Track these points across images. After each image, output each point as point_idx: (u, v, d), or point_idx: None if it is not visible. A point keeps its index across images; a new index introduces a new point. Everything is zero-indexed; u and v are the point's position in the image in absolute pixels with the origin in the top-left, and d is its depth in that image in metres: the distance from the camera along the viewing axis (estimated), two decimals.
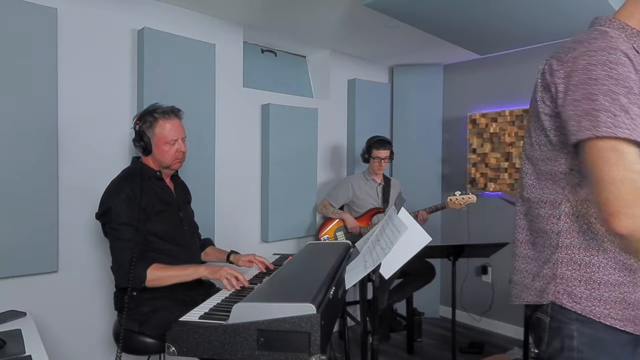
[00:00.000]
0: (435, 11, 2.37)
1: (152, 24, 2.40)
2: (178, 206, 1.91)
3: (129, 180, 1.75)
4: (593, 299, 0.97)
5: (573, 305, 0.98)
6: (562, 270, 1.00)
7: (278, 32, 3.06)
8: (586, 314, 0.97)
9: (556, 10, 2.34)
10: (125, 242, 1.65)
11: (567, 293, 0.99)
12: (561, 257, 1.00)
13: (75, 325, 2.20)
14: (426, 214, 2.98)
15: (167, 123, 1.78)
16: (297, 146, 3.17)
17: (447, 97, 3.87)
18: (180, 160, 1.85)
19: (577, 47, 0.94)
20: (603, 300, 0.96)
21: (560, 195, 1.01)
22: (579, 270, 0.98)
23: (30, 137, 2.00)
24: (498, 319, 3.55)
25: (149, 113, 1.79)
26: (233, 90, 2.86)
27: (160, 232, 1.77)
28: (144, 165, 1.83)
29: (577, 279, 0.98)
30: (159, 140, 1.77)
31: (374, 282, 1.50)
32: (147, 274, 1.64)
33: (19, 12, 1.95)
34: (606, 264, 0.96)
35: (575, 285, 0.98)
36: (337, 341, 3.19)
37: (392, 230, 1.44)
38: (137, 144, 1.79)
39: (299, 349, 1.06)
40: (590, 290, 0.97)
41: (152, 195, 1.78)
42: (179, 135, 1.81)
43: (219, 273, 1.66)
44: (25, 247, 2.00)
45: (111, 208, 1.67)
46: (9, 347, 1.45)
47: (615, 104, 0.86)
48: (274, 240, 3.06)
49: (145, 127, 1.78)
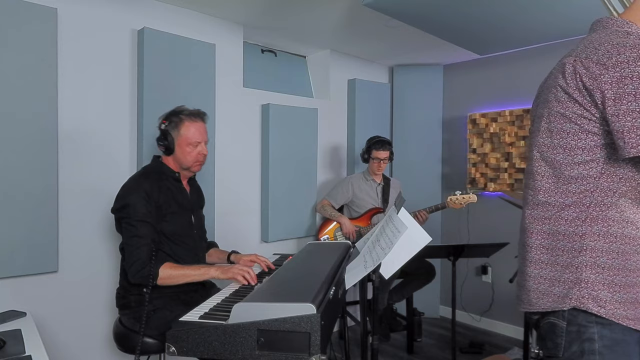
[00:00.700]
0: (435, 11, 2.37)
1: (152, 24, 2.40)
2: (191, 209, 1.92)
3: (148, 178, 1.77)
4: (615, 302, 0.97)
5: (599, 309, 0.98)
6: (586, 274, 0.99)
7: (278, 32, 3.06)
8: (609, 317, 0.97)
9: (556, 11, 2.34)
10: (142, 238, 1.66)
11: (592, 297, 0.98)
12: (585, 261, 1.00)
13: (75, 325, 2.20)
14: (426, 213, 2.96)
15: (193, 125, 1.80)
16: (297, 146, 3.17)
17: (447, 97, 3.87)
18: (201, 163, 1.87)
19: (622, 51, 0.93)
20: (622, 302, 0.97)
21: (587, 199, 1.00)
22: (602, 273, 0.99)
23: (31, 137, 2.00)
24: (498, 319, 3.55)
25: (175, 114, 1.81)
26: (233, 90, 2.86)
27: (169, 233, 1.78)
28: (164, 165, 1.85)
29: (602, 283, 0.98)
30: (183, 141, 1.79)
31: (374, 282, 1.50)
32: (159, 271, 1.65)
33: (19, 12, 1.95)
34: (624, 266, 0.98)
35: (600, 289, 0.98)
36: (337, 341, 3.19)
37: (392, 230, 1.44)
38: (160, 143, 1.80)
39: (299, 349, 1.06)
40: (613, 293, 0.98)
41: (169, 195, 1.80)
42: (202, 138, 1.83)
43: (230, 272, 1.67)
44: (25, 247, 2.00)
45: (129, 204, 1.68)
46: (9, 347, 1.45)
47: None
48: (274, 240, 3.06)
49: (170, 127, 1.79)
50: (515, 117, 3.36)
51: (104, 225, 2.30)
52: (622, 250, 0.98)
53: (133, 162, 2.40)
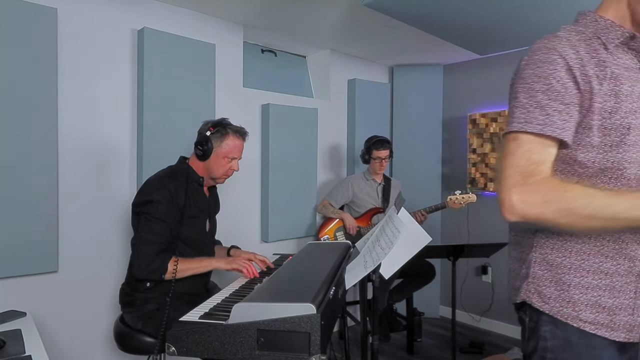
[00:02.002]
0: (435, 11, 2.37)
1: (152, 24, 2.40)
2: (208, 215, 1.95)
3: (174, 179, 1.79)
4: (562, 300, 0.95)
5: (541, 305, 0.98)
6: (534, 270, 1.00)
7: (278, 32, 3.06)
8: (553, 314, 0.96)
9: (557, 10, 2.34)
10: (156, 236, 1.69)
11: (537, 292, 0.99)
12: (535, 257, 1.00)
13: (75, 325, 2.20)
14: (425, 214, 2.96)
15: (236, 140, 1.86)
16: (297, 146, 3.17)
17: (447, 97, 3.87)
18: (228, 177, 1.93)
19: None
20: (572, 302, 0.94)
21: None
22: (550, 270, 0.97)
23: (31, 136, 2.00)
24: (498, 319, 3.55)
25: (222, 125, 1.85)
26: (233, 90, 2.86)
27: (185, 237, 1.80)
28: (190, 167, 1.88)
29: (548, 279, 0.97)
30: (222, 152, 1.84)
31: (374, 282, 1.49)
32: (167, 266, 1.68)
33: (19, 12, 1.95)
34: (579, 266, 0.95)
35: (545, 286, 0.98)
36: (337, 341, 3.19)
37: (392, 230, 1.44)
38: (199, 146, 1.82)
39: (299, 349, 1.06)
40: (560, 291, 0.96)
41: (191, 199, 1.83)
42: (238, 155, 1.90)
43: (235, 263, 1.74)
44: (25, 247, 2.00)
45: (153, 200, 1.70)
46: (9, 347, 1.45)
47: (531, 101, 0.91)
48: (274, 240, 3.06)
49: (214, 135, 1.82)
50: None
51: (104, 225, 2.30)
52: (577, 249, 0.96)
53: (133, 162, 2.40)
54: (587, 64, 0.90)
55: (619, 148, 0.90)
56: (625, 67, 0.94)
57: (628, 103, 0.91)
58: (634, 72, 0.94)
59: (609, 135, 0.90)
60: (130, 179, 2.39)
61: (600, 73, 0.90)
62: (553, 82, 0.90)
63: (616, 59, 0.93)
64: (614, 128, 0.90)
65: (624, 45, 0.96)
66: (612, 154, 0.91)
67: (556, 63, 0.90)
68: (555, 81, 0.90)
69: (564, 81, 0.89)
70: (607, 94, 0.90)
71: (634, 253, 0.93)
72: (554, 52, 0.91)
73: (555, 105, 0.89)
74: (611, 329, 0.93)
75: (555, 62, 0.90)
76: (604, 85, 0.90)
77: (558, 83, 0.89)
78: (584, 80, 0.90)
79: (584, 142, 0.92)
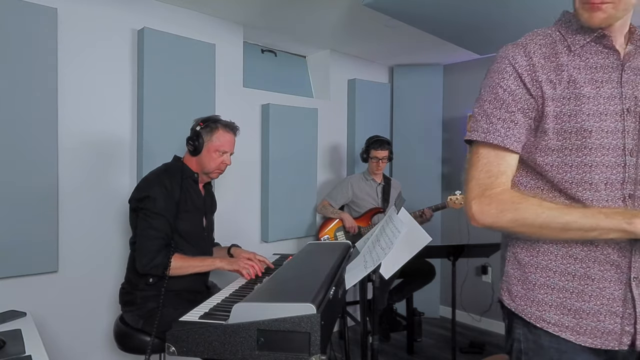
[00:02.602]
0: (435, 11, 2.37)
1: (152, 24, 2.40)
2: (204, 212, 1.97)
3: (169, 175, 1.82)
4: (527, 299, 0.96)
5: (509, 302, 1.00)
6: (507, 268, 1.02)
7: (278, 32, 3.06)
8: (519, 312, 0.97)
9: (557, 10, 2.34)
10: (158, 231, 1.72)
11: (508, 291, 1.01)
12: (509, 255, 1.02)
13: (75, 325, 2.20)
14: (431, 212, 2.98)
15: (226, 135, 1.88)
16: (297, 146, 3.17)
17: (447, 97, 3.87)
18: (221, 172, 1.94)
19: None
20: (537, 301, 0.95)
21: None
22: (519, 269, 0.99)
23: (31, 137, 2.00)
24: (498, 319, 3.54)
25: (212, 120, 1.88)
26: (233, 90, 2.86)
27: (182, 232, 1.82)
28: (185, 165, 1.90)
29: (517, 278, 0.99)
30: (212, 146, 1.85)
31: (374, 282, 1.49)
32: (170, 262, 1.70)
33: (19, 12, 1.95)
34: (545, 266, 0.95)
35: (513, 284, 0.99)
36: (337, 341, 3.19)
37: (392, 230, 1.44)
38: (190, 142, 1.85)
39: (299, 349, 1.06)
40: (526, 290, 0.97)
41: (186, 195, 1.85)
42: (230, 149, 1.91)
43: (236, 264, 1.77)
44: (25, 247, 1.99)
45: (150, 196, 1.73)
46: (9, 347, 1.45)
47: (480, 110, 0.97)
48: (274, 240, 3.06)
49: (204, 130, 1.85)
50: None
51: (104, 225, 2.30)
52: (544, 250, 0.96)
53: (133, 162, 2.40)
54: (539, 70, 0.92)
55: (579, 152, 0.90)
56: (592, 67, 0.92)
57: (591, 105, 0.90)
58: (604, 72, 0.92)
59: (569, 139, 0.90)
60: (130, 179, 2.39)
61: (555, 77, 0.91)
62: (499, 91, 0.94)
63: (579, 62, 0.92)
64: (574, 131, 0.90)
65: (596, 44, 0.94)
66: (572, 157, 0.91)
67: (505, 72, 0.94)
68: (502, 90, 0.94)
69: (511, 89, 0.93)
70: (564, 98, 0.91)
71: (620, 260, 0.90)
72: (505, 61, 0.95)
73: (499, 113, 0.94)
74: (577, 332, 0.91)
75: (504, 70, 0.94)
76: (558, 89, 0.91)
77: (504, 92, 0.94)
78: (535, 86, 0.92)
79: (541, 146, 0.94)
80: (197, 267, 1.77)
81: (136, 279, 1.78)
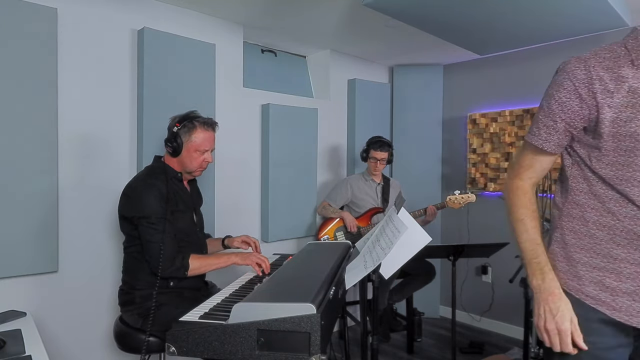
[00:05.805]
0: (435, 11, 2.37)
1: (152, 24, 2.40)
2: (193, 208, 1.97)
3: (155, 177, 1.80)
4: (569, 274, 1.10)
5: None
6: (553, 247, 1.15)
7: (278, 32, 3.06)
8: (560, 284, 1.09)
9: (557, 10, 2.34)
10: (166, 235, 1.71)
11: (553, 266, 1.12)
12: (556, 236, 1.15)
13: (75, 325, 2.20)
14: (434, 209, 2.98)
15: (204, 133, 1.84)
16: (297, 146, 3.17)
17: (447, 97, 3.87)
18: (203, 169, 1.92)
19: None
20: (578, 277, 1.08)
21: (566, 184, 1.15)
22: (564, 249, 1.12)
23: (31, 136, 2.00)
24: (498, 319, 3.55)
25: (189, 119, 1.84)
26: (233, 90, 2.86)
27: (177, 231, 1.81)
28: (167, 165, 1.88)
29: (562, 255, 1.12)
30: (192, 146, 1.82)
31: (374, 282, 1.50)
32: (189, 263, 1.72)
33: (19, 12, 1.95)
34: (590, 248, 1.07)
35: (558, 260, 1.13)
36: (337, 341, 3.19)
37: (392, 230, 1.44)
38: (169, 144, 1.82)
39: (299, 349, 1.06)
40: (569, 266, 1.10)
41: (175, 194, 1.84)
42: (210, 147, 1.88)
43: (249, 259, 1.79)
44: (25, 247, 2.00)
45: (146, 205, 1.71)
46: (9, 347, 1.45)
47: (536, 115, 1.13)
48: (274, 240, 3.06)
49: (182, 131, 1.82)
50: (515, 117, 3.35)
51: (104, 225, 2.30)
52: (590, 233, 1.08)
53: (133, 162, 2.40)
54: (596, 82, 1.01)
55: (631, 153, 1.01)
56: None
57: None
58: None
59: (622, 141, 1.01)
60: (130, 179, 2.39)
61: (614, 87, 1.00)
62: (552, 102, 1.08)
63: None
64: (627, 135, 1.00)
65: None
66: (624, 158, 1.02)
67: (561, 86, 1.06)
68: (554, 101, 1.07)
69: (562, 101, 1.06)
70: (622, 105, 0.99)
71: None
72: (564, 74, 1.06)
73: (546, 121, 1.10)
74: (613, 308, 1.03)
75: (561, 85, 1.06)
76: (616, 98, 1.00)
77: (556, 103, 1.07)
78: (590, 97, 1.02)
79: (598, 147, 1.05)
80: (215, 264, 1.79)
81: (133, 281, 1.78)
